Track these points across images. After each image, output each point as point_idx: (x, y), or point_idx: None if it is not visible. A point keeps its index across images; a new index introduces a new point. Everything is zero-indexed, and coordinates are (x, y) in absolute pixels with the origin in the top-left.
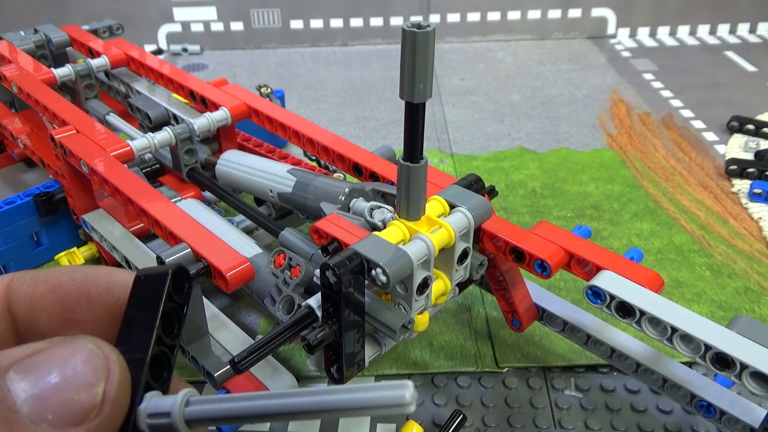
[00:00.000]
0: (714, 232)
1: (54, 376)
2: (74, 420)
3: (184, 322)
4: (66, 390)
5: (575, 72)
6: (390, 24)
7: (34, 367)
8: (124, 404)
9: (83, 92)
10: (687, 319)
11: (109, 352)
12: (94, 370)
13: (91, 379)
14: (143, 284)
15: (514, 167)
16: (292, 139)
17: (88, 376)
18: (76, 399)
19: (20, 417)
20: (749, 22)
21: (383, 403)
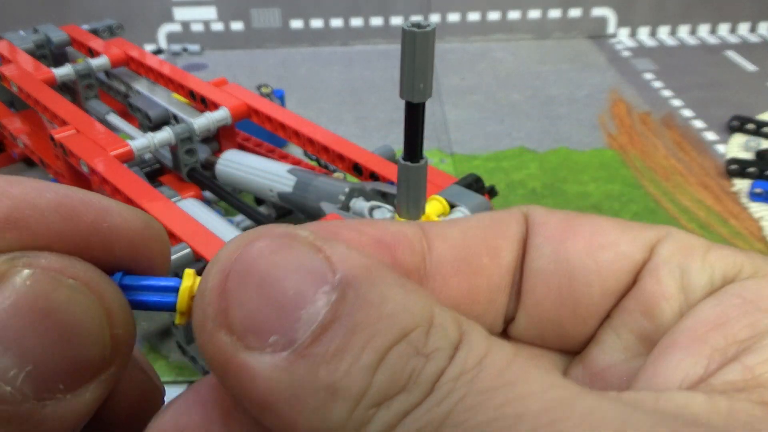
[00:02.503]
0: (714, 232)
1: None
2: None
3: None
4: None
5: (575, 72)
6: (390, 24)
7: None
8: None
9: (83, 92)
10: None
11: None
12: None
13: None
14: None
15: (514, 167)
16: (292, 139)
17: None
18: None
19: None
20: (750, 21)
21: None
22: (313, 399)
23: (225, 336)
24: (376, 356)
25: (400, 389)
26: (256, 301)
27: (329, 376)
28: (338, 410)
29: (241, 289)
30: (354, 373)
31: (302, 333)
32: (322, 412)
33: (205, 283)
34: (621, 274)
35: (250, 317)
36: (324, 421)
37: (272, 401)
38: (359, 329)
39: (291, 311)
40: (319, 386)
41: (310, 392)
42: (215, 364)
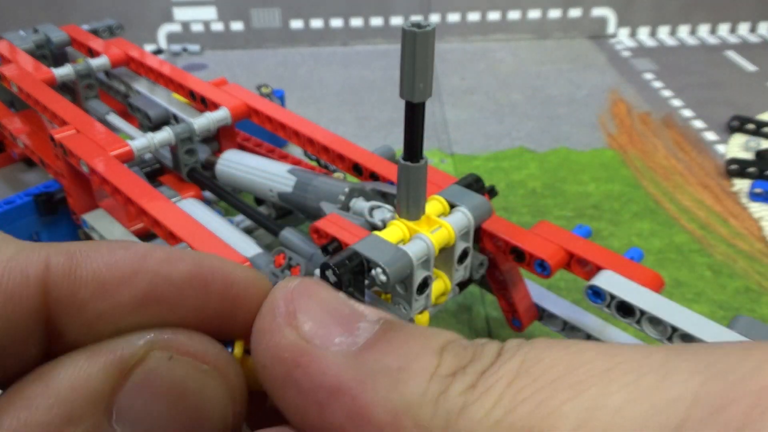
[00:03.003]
0: (714, 232)
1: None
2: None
3: None
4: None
5: (575, 72)
6: (390, 24)
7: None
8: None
9: (83, 92)
10: (687, 319)
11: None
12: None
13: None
14: None
15: (514, 167)
16: (292, 139)
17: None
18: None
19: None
20: (750, 21)
21: None
22: (385, 379)
23: (293, 334)
24: (438, 346)
25: (469, 362)
26: (319, 312)
27: (398, 361)
28: (414, 384)
29: (305, 302)
30: (422, 356)
31: (363, 337)
32: (397, 388)
33: (273, 294)
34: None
35: (315, 322)
36: (401, 396)
37: (344, 384)
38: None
39: (350, 321)
40: (390, 368)
41: (382, 374)
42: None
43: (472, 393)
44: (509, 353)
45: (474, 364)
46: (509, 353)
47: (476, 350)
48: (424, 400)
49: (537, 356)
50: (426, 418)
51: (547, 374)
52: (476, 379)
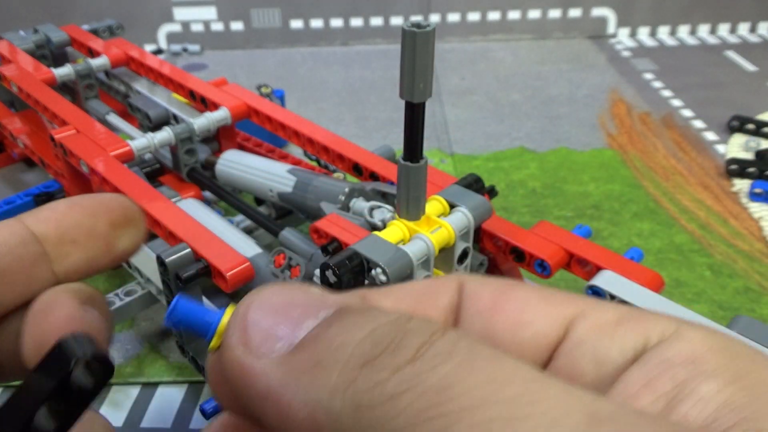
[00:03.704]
0: (714, 232)
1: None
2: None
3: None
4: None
5: (575, 72)
6: (390, 24)
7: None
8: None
9: (83, 92)
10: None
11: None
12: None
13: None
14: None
15: (514, 167)
16: (292, 139)
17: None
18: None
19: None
20: (749, 21)
21: None
22: (305, 376)
23: (240, 348)
24: (361, 334)
25: (382, 352)
26: (270, 321)
27: (321, 354)
28: (325, 378)
29: (259, 314)
30: (339, 348)
31: (300, 336)
32: (311, 384)
33: (235, 314)
34: (538, 352)
35: (263, 332)
36: (315, 391)
37: (268, 390)
38: (348, 325)
39: (295, 324)
40: (310, 365)
41: (302, 373)
42: (232, 374)
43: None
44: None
45: (386, 356)
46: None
47: (395, 338)
48: (334, 392)
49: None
50: (336, 409)
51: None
52: (387, 376)
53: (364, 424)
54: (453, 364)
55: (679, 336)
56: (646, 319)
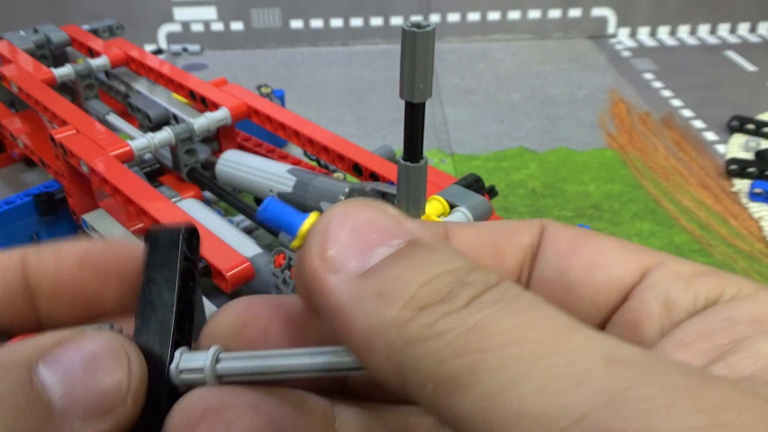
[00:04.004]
0: (714, 232)
1: (83, 372)
2: (102, 411)
3: (197, 277)
4: (94, 383)
5: (575, 72)
6: (390, 24)
7: (62, 362)
8: (142, 395)
9: (83, 92)
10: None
11: (130, 348)
12: (118, 364)
13: (117, 373)
14: (157, 244)
15: (514, 167)
16: (292, 139)
17: (114, 371)
18: (105, 396)
19: (55, 413)
20: (749, 21)
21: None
22: (369, 303)
23: (318, 260)
24: (425, 278)
25: (440, 300)
26: (347, 240)
27: (385, 288)
28: (389, 310)
29: (339, 231)
30: (405, 287)
31: (373, 262)
32: (376, 312)
33: (317, 224)
34: (611, 294)
35: (340, 249)
36: (377, 317)
37: (338, 306)
38: (415, 264)
39: (369, 248)
40: (377, 294)
41: (369, 299)
42: (308, 281)
43: (429, 329)
44: (478, 306)
45: (441, 304)
46: (478, 306)
47: (453, 289)
48: (393, 324)
49: (496, 319)
50: (391, 338)
51: (492, 339)
52: (437, 319)
53: (411, 356)
54: (492, 309)
55: (755, 297)
56: (725, 277)
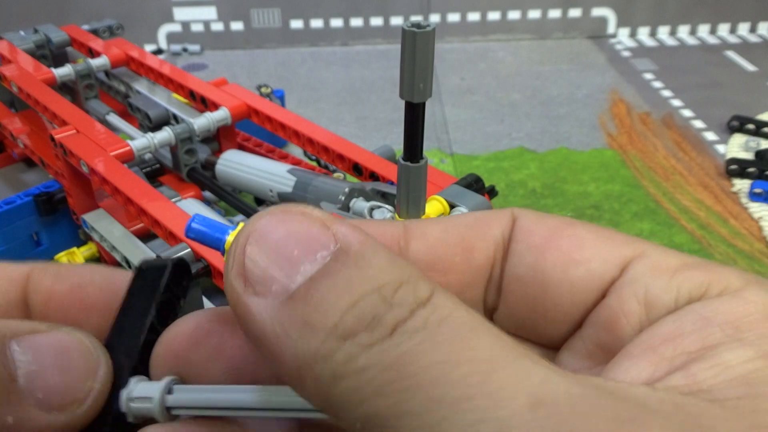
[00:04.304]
0: (714, 232)
1: (51, 360)
2: (59, 405)
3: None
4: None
5: (575, 72)
6: (390, 24)
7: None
8: (102, 401)
9: (83, 92)
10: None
11: (100, 352)
12: (87, 365)
13: (83, 373)
14: (143, 275)
15: (514, 167)
16: (292, 139)
17: (81, 370)
18: (67, 387)
19: (17, 386)
20: (749, 21)
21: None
22: (294, 332)
23: (239, 283)
24: (350, 301)
25: (364, 328)
26: (267, 259)
27: (309, 315)
28: (312, 340)
29: (257, 249)
30: (329, 313)
31: (297, 283)
32: (300, 342)
33: (235, 242)
34: (590, 290)
35: (260, 271)
36: (302, 349)
37: (264, 335)
38: (339, 283)
39: (292, 267)
40: (301, 322)
41: (293, 327)
42: (231, 304)
43: (352, 364)
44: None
45: (365, 333)
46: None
47: (377, 314)
48: (317, 357)
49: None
50: (317, 372)
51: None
52: (359, 352)
53: (338, 391)
54: (415, 342)
55: (740, 294)
56: (713, 270)
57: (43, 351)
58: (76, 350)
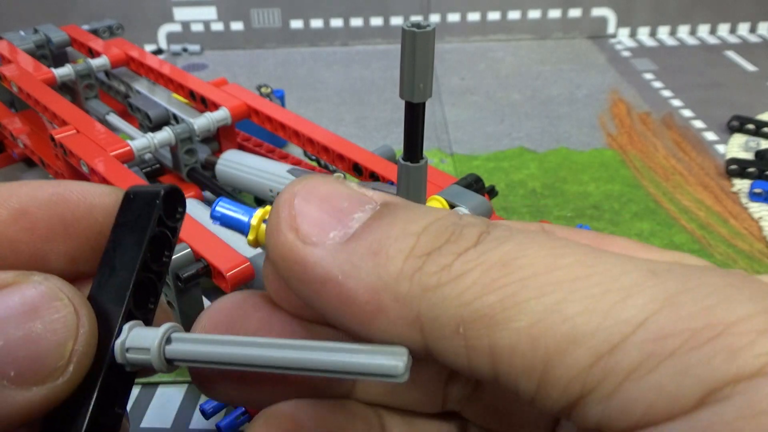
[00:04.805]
0: (714, 232)
1: (20, 325)
2: (37, 379)
3: (174, 248)
4: (32, 346)
5: (575, 72)
6: (390, 24)
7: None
8: (87, 363)
9: (83, 92)
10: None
11: (80, 304)
12: (65, 326)
13: (61, 337)
14: (132, 204)
15: (514, 167)
16: (292, 139)
17: (58, 333)
18: (44, 357)
19: None
20: (749, 21)
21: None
22: (365, 263)
23: (291, 235)
24: (418, 227)
25: (445, 242)
26: (317, 212)
27: (379, 245)
28: (390, 265)
29: (306, 204)
30: (400, 238)
31: (354, 227)
32: (375, 270)
33: (279, 200)
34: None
35: (313, 221)
36: (379, 275)
37: (329, 278)
38: (401, 218)
39: (346, 214)
40: (371, 253)
41: (364, 260)
42: (282, 258)
43: (447, 272)
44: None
45: (450, 245)
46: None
47: (455, 231)
48: (400, 277)
49: (519, 251)
50: (403, 291)
51: (523, 270)
52: (452, 260)
53: (433, 302)
54: (514, 243)
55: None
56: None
57: (8, 317)
58: (49, 308)
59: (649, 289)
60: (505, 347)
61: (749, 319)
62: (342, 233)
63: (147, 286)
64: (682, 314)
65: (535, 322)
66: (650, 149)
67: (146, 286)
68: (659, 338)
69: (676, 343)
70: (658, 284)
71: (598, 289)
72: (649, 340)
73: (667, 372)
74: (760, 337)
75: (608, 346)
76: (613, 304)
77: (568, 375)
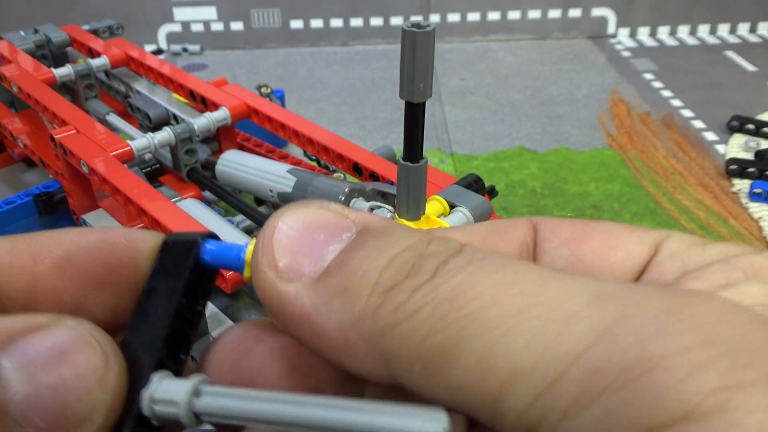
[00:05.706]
0: (714, 232)
1: (50, 372)
2: (64, 429)
3: (210, 296)
4: (63, 395)
5: (575, 72)
6: (390, 24)
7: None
8: (115, 413)
9: (83, 92)
10: None
11: (111, 350)
12: (94, 372)
13: (90, 383)
14: (170, 251)
15: (514, 167)
16: (292, 139)
17: (86, 380)
18: (72, 405)
19: (8, 416)
20: (749, 21)
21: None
22: (335, 301)
23: (271, 272)
24: (385, 260)
25: (405, 277)
26: (294, 245)
27: (347, 282)
28: (356, 303)
29: (284, 238)
30: (366, 275)
31: (328, 260)
32: (343, 308)
33: (260, 237)
34: (631, 270)
35: (289, 257)
36: (346, 313)
37: (303, 314)
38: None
39: (321, 248)
40: (340, 291)
41: (333, 297)
42: (263, 295)
43: (403, 309)
44: (446, 275)
45: (408, 280)
46: (446, 275)
47: (416, 263)
48: (364, 315)
49: (468, 283)
50: (366, 330)
51: (470, 305)
52: (408, 297)
53: (391, 341)
54: (464, 275)
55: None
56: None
57: (39, 362)
58: (79, 353)
59: (587, 319)
60: (457, 385)
61: (684, 353)
62: (317, 268)
63: (180, 335)
64: (616, 347)
65: (480, 360)
66: (650, 149)
67: (179, 336)
68: (592, 373)
69: (608, 379)
70: (597, 312)
71: (539, 321)
72: (584, 375)
73: (599, 411)
74: (693, 374)
75: (546, 383)
76: (553, 336)
77: (515, 412)
